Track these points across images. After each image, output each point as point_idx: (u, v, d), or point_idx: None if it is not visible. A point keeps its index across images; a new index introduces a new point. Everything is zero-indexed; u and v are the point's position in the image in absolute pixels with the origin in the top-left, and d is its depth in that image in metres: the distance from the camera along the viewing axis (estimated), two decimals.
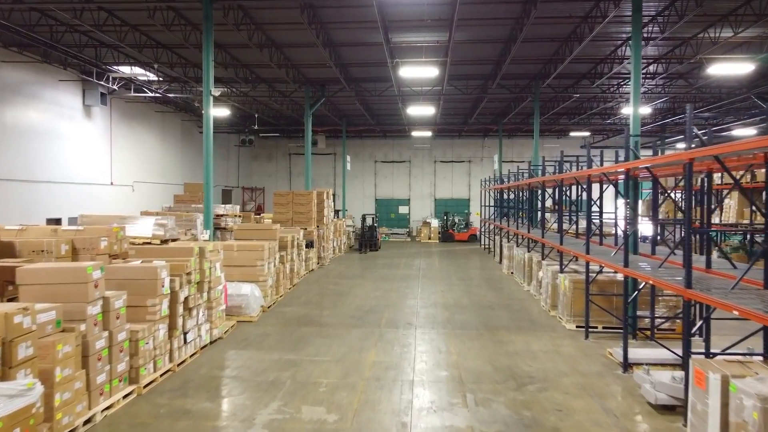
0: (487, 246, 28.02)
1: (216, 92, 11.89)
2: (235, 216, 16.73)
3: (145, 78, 19.05)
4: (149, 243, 11.72)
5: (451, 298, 14.56)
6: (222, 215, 16.40)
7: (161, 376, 8.00)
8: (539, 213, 18.65)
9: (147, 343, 7.64)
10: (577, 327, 11.13)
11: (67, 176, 19.30)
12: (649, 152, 10.01)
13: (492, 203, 28.49)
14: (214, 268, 9.95)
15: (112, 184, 22.21)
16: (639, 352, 8.84)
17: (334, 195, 37.01)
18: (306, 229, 19.83)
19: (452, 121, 31.55)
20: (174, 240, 12.25)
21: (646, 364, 8.22)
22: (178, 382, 7.96)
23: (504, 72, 18.31)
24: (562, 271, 12.43)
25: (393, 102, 24.72)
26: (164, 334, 8.15)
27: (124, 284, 7.80)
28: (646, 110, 23.95)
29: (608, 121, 30.24)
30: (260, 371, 8.47)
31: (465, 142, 38.57)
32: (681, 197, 14.26)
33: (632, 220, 9.00)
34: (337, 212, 31.72)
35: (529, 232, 16.43)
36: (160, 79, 20.50)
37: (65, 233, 9.80)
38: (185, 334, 8.79)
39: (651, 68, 18.83)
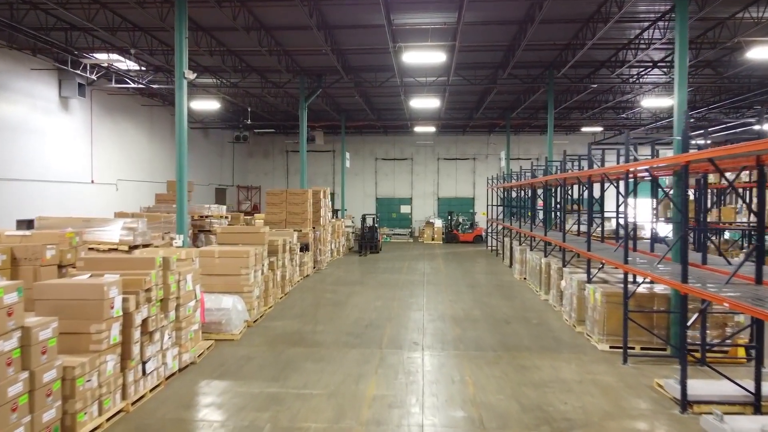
0: (494, 248, 26.44)
1: (190, 75, 10.28)
2: (222, 217, 15.15)
3: (124, 66, 17.43)
4: (116, 249, 10.20)
5: (460, 309, 12.99)
6: (206, 217, 14.83)
7: (109, 420, 6.43)
8: (555, 213, 17.10)
9: (89, 381, 6.07)
10: (611, 348, 9.55)
11: (42, 174, 17.71)
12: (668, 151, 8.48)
13: (499, 202, 26.92)
14: (184, 281, 8.37)
15: (92, 182, 20.62)
16: (696, 385, 7.24)
17: (332, 194, 35.49)
18: (300, 231, 18.28)
19: (457, 115, 29.95)
20: (147, 245, 10.72)
21: (712, 402, 6.66)
22: (129, 428, 6.39)
23: (517, 60, 16.69)
24: (589, 280, 10.85)
25: (395, 94, 23.12)
26: (114, 367, 6.57)
27: (61, 306, 6.25)
28: (666, 102, 22.34)
29: (622, 116, 28.62)
30: (235, 410, 6.89)
31: (469, 138, 37.01)
32: (694, 195, 12.53)
33: (683, 223, 7.41)
34: (335, 212, 30.19)
35: (546, 234, 14.85)
36: (142, 68, 18.92)
37: (10, 239, 8.27)
38: (144, 363, 7.22)
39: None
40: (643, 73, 19.06)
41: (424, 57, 14.75)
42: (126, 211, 16.18)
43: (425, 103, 21.70)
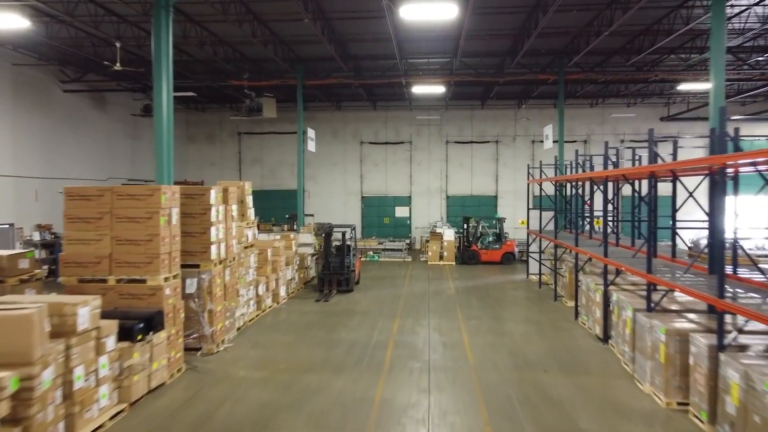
0: (545, 279, 15.98)
1: None
2: None
3: None
4: None
5: None
6: None
7: None
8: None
9: None
10: None
11: None
12: None
13: (549, 204, 16.50)
14: None
15: None
16: None
17: (304, 193, 25.15)
18: (145, 281, 7.87)
19: (481, 64, 19.24)
20: None
21: None
22: None
23: None
24: None
25: (375, 12, 12.67)
26: None
27: None
28: None
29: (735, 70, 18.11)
30: None
31: (490, 113, 26.65)
32: None
33: None
34: (292, 220, 19.82)
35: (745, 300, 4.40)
36: None
37: None
38: None
39: None
40: None
41: None
42: None
43: (429, 14, 11.09)
